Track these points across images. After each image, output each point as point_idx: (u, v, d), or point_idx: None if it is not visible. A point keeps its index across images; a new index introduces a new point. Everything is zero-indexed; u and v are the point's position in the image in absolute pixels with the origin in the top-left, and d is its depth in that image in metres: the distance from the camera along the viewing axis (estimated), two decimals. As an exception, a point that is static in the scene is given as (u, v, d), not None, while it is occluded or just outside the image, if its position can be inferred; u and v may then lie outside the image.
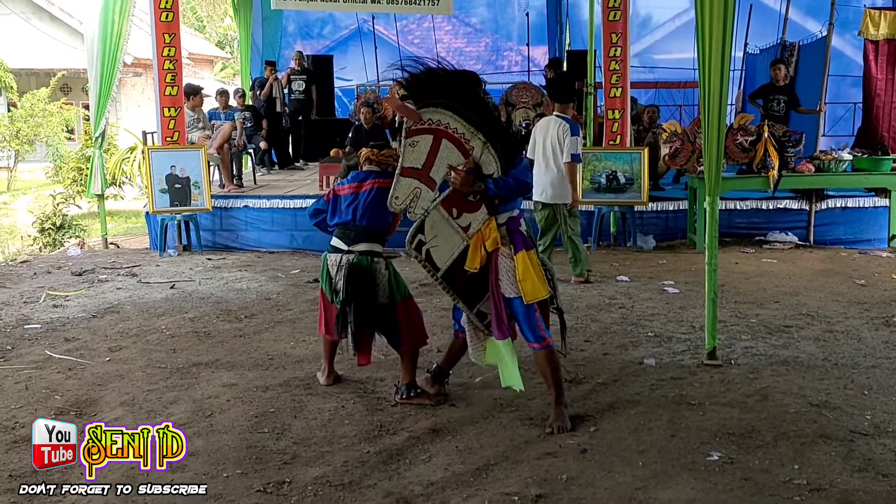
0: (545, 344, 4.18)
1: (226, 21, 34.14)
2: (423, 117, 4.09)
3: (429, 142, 4.11)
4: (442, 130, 4.10)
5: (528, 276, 4.12)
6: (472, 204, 4.14)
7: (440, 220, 4.14)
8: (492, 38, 17.92)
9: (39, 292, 7.52)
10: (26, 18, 23.60)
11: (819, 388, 4.65)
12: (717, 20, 4.81)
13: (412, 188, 4.14)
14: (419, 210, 4.16)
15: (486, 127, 4.12)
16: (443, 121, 4.09)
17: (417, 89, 4.13)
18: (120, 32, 9.57)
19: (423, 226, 4.15)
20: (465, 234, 4.14)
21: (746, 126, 8.98)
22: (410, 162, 4.12)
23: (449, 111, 4.09)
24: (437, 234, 4.14)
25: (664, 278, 7.63)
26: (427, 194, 4.14)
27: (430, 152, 4.11)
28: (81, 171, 13.70)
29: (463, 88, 4.15)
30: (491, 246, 4.14)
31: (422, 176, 4.13)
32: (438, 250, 4.15)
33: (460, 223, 4.15)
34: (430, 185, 4.14)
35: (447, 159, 4.11)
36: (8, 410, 4.57)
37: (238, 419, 4.40)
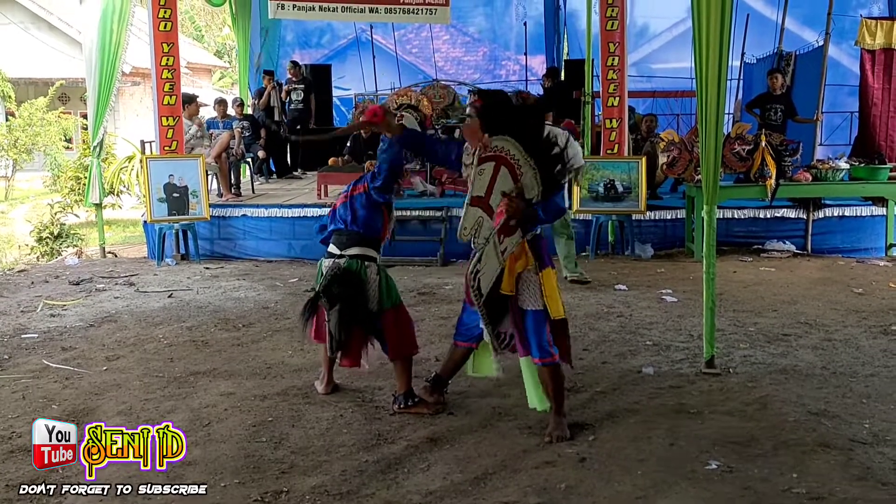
0: (551, 360, 4.16)
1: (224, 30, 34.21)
2: (491, 144, 4.09)
3: (491, 169, 4.10)
4: (503, 157, 4.08)
5: (552, 293, 4.15)
6: (511, 227, 4.13)
7: (492, 248, 4.13)
8: (489, 48, 17.95)
9: (37, 302, 7.51)
10: (25, 28, 23.64)
11: (818, 397, 4.65)
12: (714, 30, 4.83)
13: (477, 217, 4.13)
14: (481, 239, 4.14)
15: (538, 154, 4.11)
16: (505, 148, 4.08)
17: (492, 115, 4.15)
18: (118, 42, 9.58)
19: (481, 255, 4.13)
20: (501, 258, 4.14)
21: (744, 135, 8.99)
22: (477, 191, 4.12)
23: (513, 139, 4.08)
24: (487, 261, 4.13)
25: (662, 287, 7.63)
26: (488, 223, 4.13)
27: (492, 180, 4.11)
28: (79, 180, 13.69)
29: (530, 118, 4.21)
30: (521, 267, 4.15)
31: (484, 204, 4.13)
32: (485, 276, 4.14)
33: (501, 248, 4.15)
34: (489, 213, 4.13)
35: (501, 186, 4.10)
36: (5, 420, 4.56)
37: (236, 428, 4.39)
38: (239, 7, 14.14)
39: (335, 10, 10.03)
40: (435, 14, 10.04)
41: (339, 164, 10.27)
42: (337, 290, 4.48)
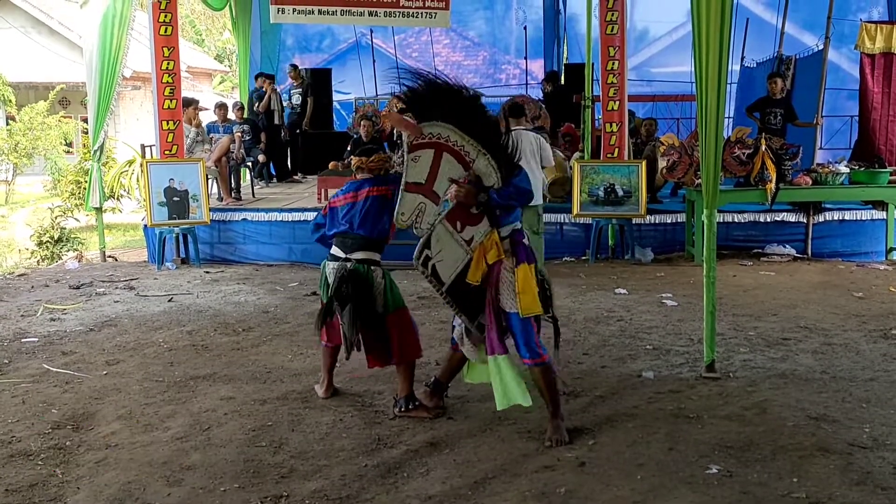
0: (540, 360, 4.17)
1: (224, 35, 34.25)
2: (424, 131, 4.08)
3: (430, 156, 4.10)
4: (443, 144, 4.09)
5: (527, 288, 4.11)
6: (474, 217, 4.13)
7: (445, 234, 4.13)
8: (490, 52, 17.97)
9: (37, 306, 7.51)
10: (25, 32, 23.66)
11: (817, 401, 4.65)
12: (714, 34, 4.83)
13: (417, 203, 4.13)
14: (425, 225, 4.14)
15: (485, 138, 4.11)
16: (443, 134, 4.08)
17: (417, 103, 4.13)
18: (119, 46, 9.59)
19: (429, 241, 4.12)
20: (468, 248, 4.13)
21: (744, 139, 9.00)
22: (413, 177, 4.11)
23: (449, 124, 4.07)
24: (442, 248, 4.13)
25: (662, 291, 7.63)
26: (432, 209, 4.14)
27: (433, 166, 4.10)
28: (80, 184, 13.70)
29: (462, 101, 4.14)
30: (492, 258, 4.13)
31: (425, 191, 4.12)
32: (443, 264, 4.13)
33: (463, 236, 4.14)
34: (433, 199, 4.14)
35: (449, 172, 4.11)
36: (4, 425, 4.56)
37: (235, 433, 4.39)
38: (239, 11, 14.15)
39: (335, 13, 10.05)
40: (435, 18, 10.06)
41: (340, 168, 10.27)
42: (346, 290, 4.49)
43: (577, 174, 9.17)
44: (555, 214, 9.61)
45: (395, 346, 4.63)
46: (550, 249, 9.56)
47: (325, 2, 9.90)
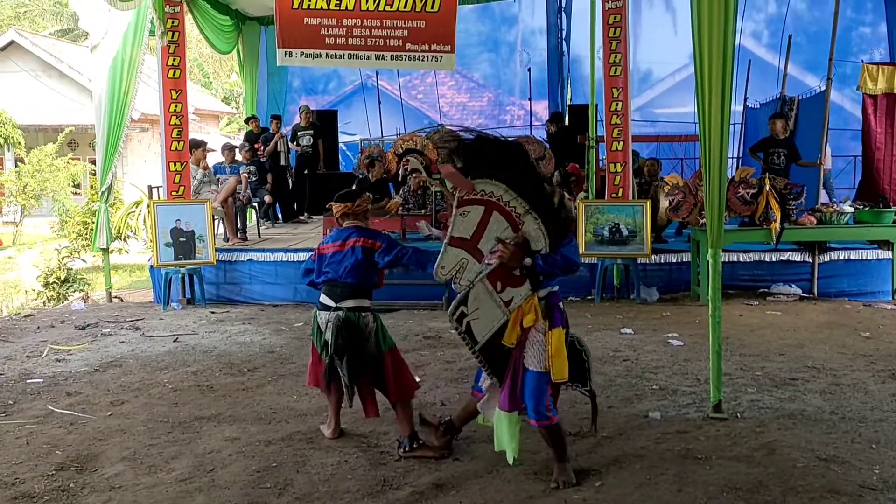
0: (548, 423, 4.09)
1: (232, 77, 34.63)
2: (476, 188, 4.01)
3: (479, 213, 4.03)
4: (494, 203, 4.02)
5: (560, 353, 4.04)
6: (516, 278, 4.04)
7: (484, 292, 4.06)
8: (494, 93, 18.13)
9: (42, 346, 7.51)
10: (36, 76, 23.99)
11: (826, 442, 4.60)
12: (717, 75, 4.88)
13: (459, 259, 4.06)
14: (464, 281, 4.06)
15: (537, 202, 4.03)
16: (496, 193, 4.02)
17: (472, 159, 4.07)
18: (128, 89, 9.72)
19: (466, 298, 4.06)
20: (506, 309, 4.06)
21: (748, 179, 9.04)
22: (459, 232, 4.05)
23: (504, 184, 4.01)
24: (479, 306, 4.06)
25: (668, 330, 7.61)
26: (473, 266, 4.05)
27: (481, 224, 4.03)
28: (87, 225, 13.79)
29: (516, 160, 4.08)
30: (528, 323, 4.05)
31: (469, 247, 4.05)
32: (478, 323, 4.06)
33: (503, 297, 4.06)
34: (477, 256, 4.05)
35: (496, 232, 4.02)
36: (8, 466, 4.54)
37: (240, 474, 4.36)
38: (247, 54, 14.34)
39: (342, 56, 10.14)
40: (440, 61, 10.14)
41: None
42: (342, 342, 4.52)
43: (581, 214, 9.20)
44: (560, 254, 9.61)
45: (391, 384, 4.64)
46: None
47: (331, 45, 10.01)
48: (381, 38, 9.96)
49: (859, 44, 14.16)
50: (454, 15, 9.99)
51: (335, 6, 9.84)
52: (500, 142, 4.10)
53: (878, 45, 13.71)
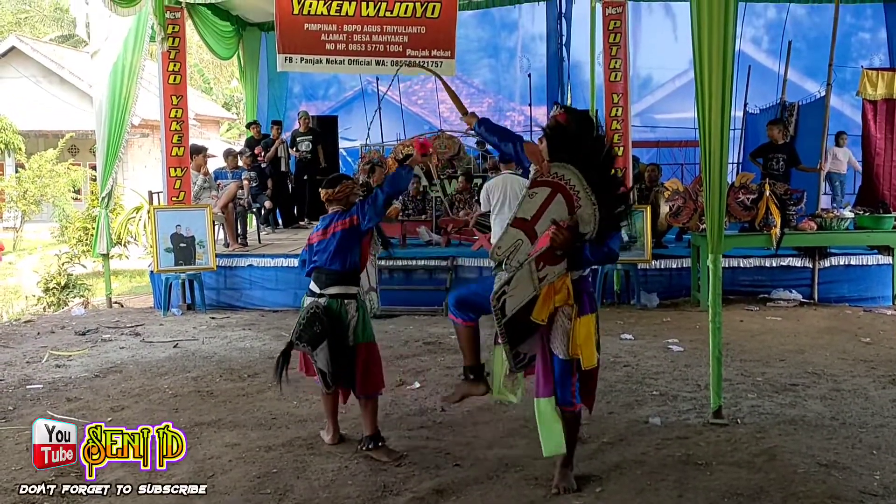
0: (571, 408, 4.08)
1: (232, 83, 34.69)
2: (551, 170, 3.95)
3: (545, 195, 3.96)
4: (561, 185, 3.94)
5: (589, 341, 4.01)
6: (557, 258, 3.98)
7: (527, 273, 3.97)
8: (494, 99, 18.12)
9: (42, 352, 7.51)
10: (36, 82, 24.02)
11: (827, 448, 4.60)
12: (717, 81, 4.89)
13: (515, 239, 3.98)
14: (515, 262, 3.99)
15: (601, 190, 3.95)
16: (566, 176, 3.94)
17: (557, 140, 3.98)
18: (128, 95, 9.74)
19: (511, 279, 3.98)
20: (538, 285, 3.99)
21: (748, 184, 9.04)
22: (523, 213, 3.98)
23: (577, 168, 3.93)
24: (518, 284, 3.98)
25: (668, 336, 7.60)
26: (526, 247, 3.98)
27: (543, 205, 3.96)
28: (87, 230, 13.79)
29: (598, 150, 4.00)
30: (559, 302, 3.99)
31: (527, 228, 3.98)
32: (513, 299, 3.98)
33: (540, 274, 3.98)
34: (531, 237, 3.99)
35: (553, 213, 3.95)
36: (8, 472, 4.53)
37: (240, 480, 4.35)
38: (247, 60, 14.37)
39: (342, 62, 10.17)
40: (440, 66, 10.15)
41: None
42: (318, 328, 4.52)
43: (582, 220, 9.19)
44: (560, 260, 9.63)
45: (360, 377, 4.66)
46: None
47: (332, 51, 10.04)
48: (382, 43, 9.99)
49: (859, 49, 14.16)
50: (454, 21, 10.02)
51: (335, 12, 9.87)
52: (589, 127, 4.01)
53: (877, 50, 13.72)
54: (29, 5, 40.01)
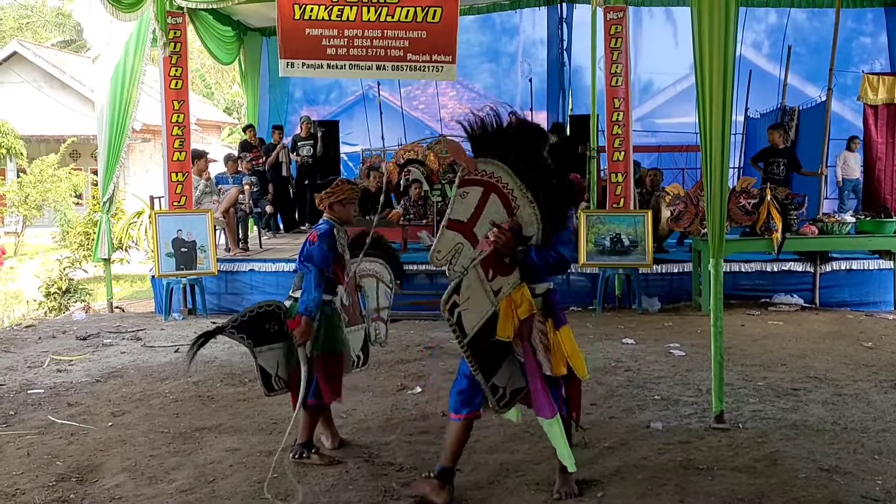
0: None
1: (234, 88, 34.73)
2: (478, 167, 3.80)
3: (478, 194, 3.79)
4: (493, 184, 3.79)
5: (575, 351, 3.93)
6: (506, 267, 3.80)
7: (476, 281, 3.79)
8: (495, 104, 18.12)
9: (44, 357, 7.51)
10: (38, 87, 24.05)
11: (829, 453, 4.59)
12: (717, 85, 4.89)
13: (455, 243, 3.79)
14: (459, 267, 3.79)
15: (538, 187, 3.79)
16: (496, 173, 3.79)
17: (480, 138, 3.84)
18: (129, 100, 9.75)
19: (459, 286, 3.79)
20: (494, 299, 3.81)
21: (749, 189, 9.05)
22: (457, 214, 3.80)
23: (505, 164, 3.78)
24: (470, 296, 3.79)
25: (670, 341, 7.60)
26: (468, 251, 3.80)
27: (478, 206, 3.79)
28: (88, 235, 13.81)
29: (527, 144, 3.82)
30: (523, 314, 3.81)
31: (465, 231, 3.80)
32: (468, 314, 3.80)
33: (493, 286, 3.80)
34: (472, 241, 3.81)
35: (492, 215, 3.79)
36: (9, 477, 4.53)
37: (241, 485, 4.35)
38: (248, 65, 14.39)
39: (343, 67, 10.17)
40: (441, 71, 10.16)
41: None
42: (275, 328, 4.50)
43: (583, 224, 9.21)
44: (561, 264, 9.64)
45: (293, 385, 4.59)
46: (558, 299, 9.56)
47: (333, 56, 10.05)
48: (383, 48, 9.99)
49: (860, 54, 14.17)
50: (455, 26, 10.02)
51: (336, 17, 9.88)
52: (514, 121, 3.86)
53: (878, 55, 13.72)
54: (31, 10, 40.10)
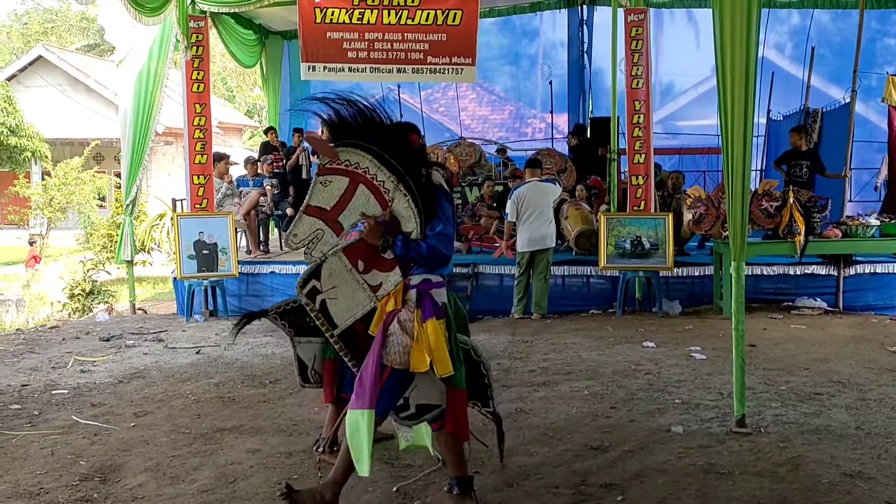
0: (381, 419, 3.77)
1: (255, 91, 34.95)
2: (340, 157, 3.70)
3: (343, 185, 3.72)
4: (360, 175, 3.70)
5: (440, 346, 3.69)
6: (384, 261, 3.72)
7: (342, 269, 3.72)
8: (515, 106, 18.12)
9: (67, 357, 7.58)
10: (63, 90, 24.32)
11: (852, 458, 4.55)
12: (739, 87, 4.86)
13: (314, 228, 3.73)
14: (317, 253, 3.73)
15: (406, 177, 3.68)
16: (362, 164, 3.69)
17: (341, 127, 3.73)
18: (152, 103, 9.84)
19: (318, 271, 3.72)
20: (372, 294, 3.72)
21: (771, 192, 8.98)
22: (318, 201, 3.73)
23: (370, 155, 3.68)
24: (336, 284, 3.72)
25: (691, 344, 7.56)
26: (330, 238, 3.74)
27: (344, 196, 3.72)
28: (111, 237, 13.94)
29: (393, 135, 3.76)
30: (389, 307, 3.73)
31: (327, 218, 3.74)
32: (337, 304, 3.72)
33: (368, 280, 3.72)
34: (335, 228, 3.74)
35: (362, 207, 3.72)
36: (33, 476, 4.57)
37: (261, 486, 4.37)
38: (270, 68, 14.47)
39: (364, 70, 10.23)
40: (461, 74, 10.19)
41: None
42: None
43: (603, 227, 9.18)
44: (581, 267, 9.63)
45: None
46: (578, 302, 9.56)
47: (354, 59, 10.10)
48: (403, 51, 10.02)
49: (884, 55, 14.02)
50: (475, 28, 10.03)
51: (357, 20, 9.92)
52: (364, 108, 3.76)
53: (903, 56, 13.60)
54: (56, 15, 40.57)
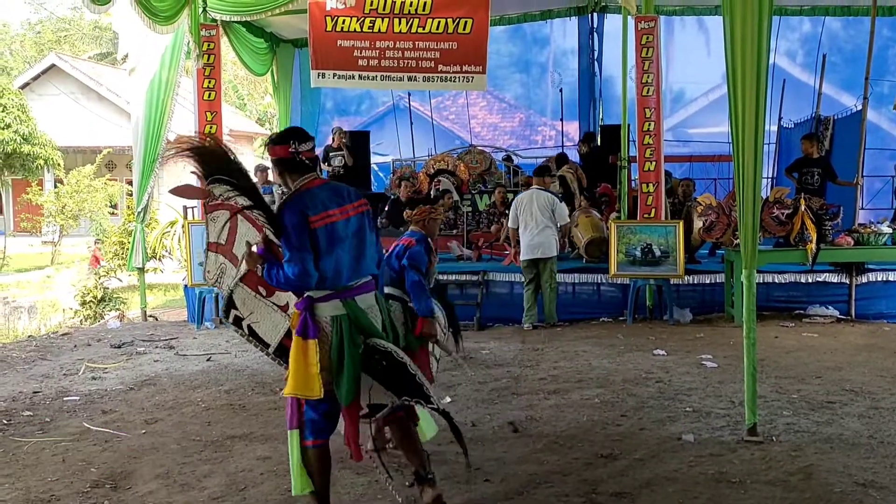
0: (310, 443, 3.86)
1: (266, 99, 35.05)
2: (214, 192, 3.90)
3: (226, 217, 3.98)
4: (233, 206, 3.90)
5: (297, 364, 3.69)
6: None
7: (249, 297, 4.00)
8: (526, 114, 18.13)
9: (79, 364, 7.61)
10: (75, 98, 24.46)
11: (865, 467, 4.51)
12: (750, 95, 4.85)
13: (219, 263, 4.03)
14: (225, 286, 4.04)
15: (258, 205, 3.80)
16: (228, 195, 3.87)
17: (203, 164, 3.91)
18: (164, 110, 9.88)
19: (232, 301, 4.02)
20: (284, 314, 3.97)
21: (782, 199, 8.94)
22: (214, 237, 4.02)
23: (227, 186, 3.84)
24: (252, 310, 4.01)
25: (702, 352, 7.52)
26: (231, 270, 4.01)
27: (231, 228, 3.98)
28: (123, 245, 13.98)
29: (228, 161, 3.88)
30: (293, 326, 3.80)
31: (225, 252, 4.02)
32: (261, 326, 4.01)
33: (275, 301, 3.97)
34: (233, 261, 4.00)
35: (245, 235, 3.93)
36: (44, 483, 4.59)
37: (271, 493, 4.37)
38: (281, 76, 14.51)
39: (374, 78, 10.25)
40: (472, 81, 10.21)
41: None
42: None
43: (613, 234, 9.16)
44: (592, 274, 9.60)
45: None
46: (588, 310, 9.53)
47: (364, 67, 10.13)
48: (414, 59, 10.04)
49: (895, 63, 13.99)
50: (486, 36, 10.05)
51: (368, 29, 9.96)
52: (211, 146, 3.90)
53: (915, 63, 13.55)
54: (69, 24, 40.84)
